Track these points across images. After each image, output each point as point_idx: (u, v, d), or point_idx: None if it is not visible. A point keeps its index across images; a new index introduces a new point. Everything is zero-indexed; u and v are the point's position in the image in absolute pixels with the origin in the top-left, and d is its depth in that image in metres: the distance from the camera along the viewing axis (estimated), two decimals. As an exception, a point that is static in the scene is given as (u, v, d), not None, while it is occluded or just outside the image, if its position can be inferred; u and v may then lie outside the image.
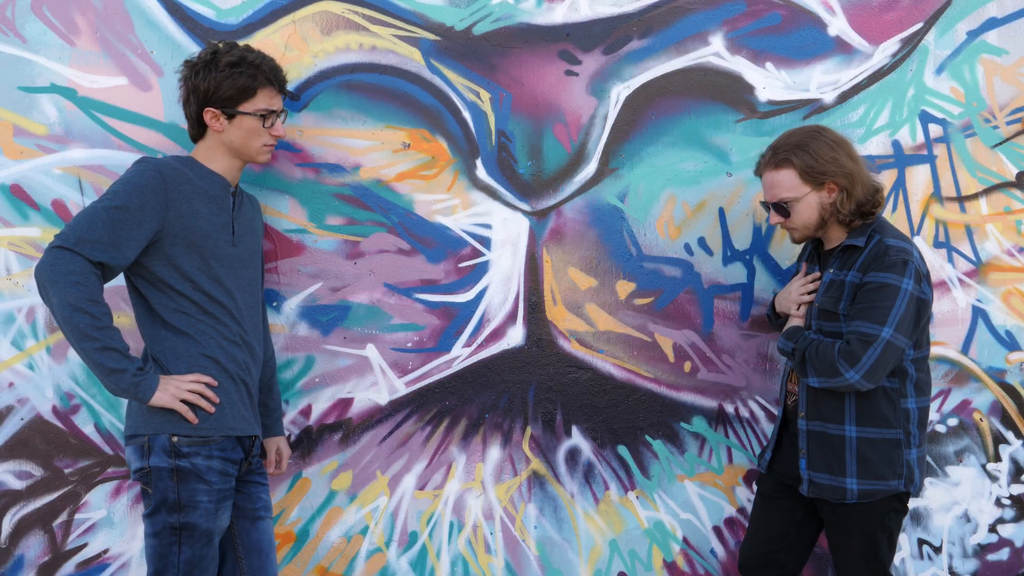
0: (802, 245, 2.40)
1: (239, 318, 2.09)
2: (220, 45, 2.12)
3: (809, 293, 2.26)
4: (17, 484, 2.39)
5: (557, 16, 2.52)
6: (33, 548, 2.40)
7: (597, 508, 2.56)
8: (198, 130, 2.13)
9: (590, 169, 2.54)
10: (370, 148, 2.47)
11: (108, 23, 2.39)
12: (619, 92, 2.54)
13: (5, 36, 2.36)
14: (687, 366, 2.57)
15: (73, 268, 1.86)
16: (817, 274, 2.26)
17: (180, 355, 2.00)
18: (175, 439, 1.96)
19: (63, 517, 2.40)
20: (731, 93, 2.55)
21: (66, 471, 2.40)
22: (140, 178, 1.97)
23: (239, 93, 2.06)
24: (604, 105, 2.54)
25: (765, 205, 2.27)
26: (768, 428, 2.58)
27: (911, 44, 2.58)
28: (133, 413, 2.01)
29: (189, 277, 2.01)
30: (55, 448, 2.40)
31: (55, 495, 2.40)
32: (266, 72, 2.10)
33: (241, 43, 2.17)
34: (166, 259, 2.00)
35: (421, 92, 2.49)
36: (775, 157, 2.20)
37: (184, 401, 1.95)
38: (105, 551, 2.42)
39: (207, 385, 1.98)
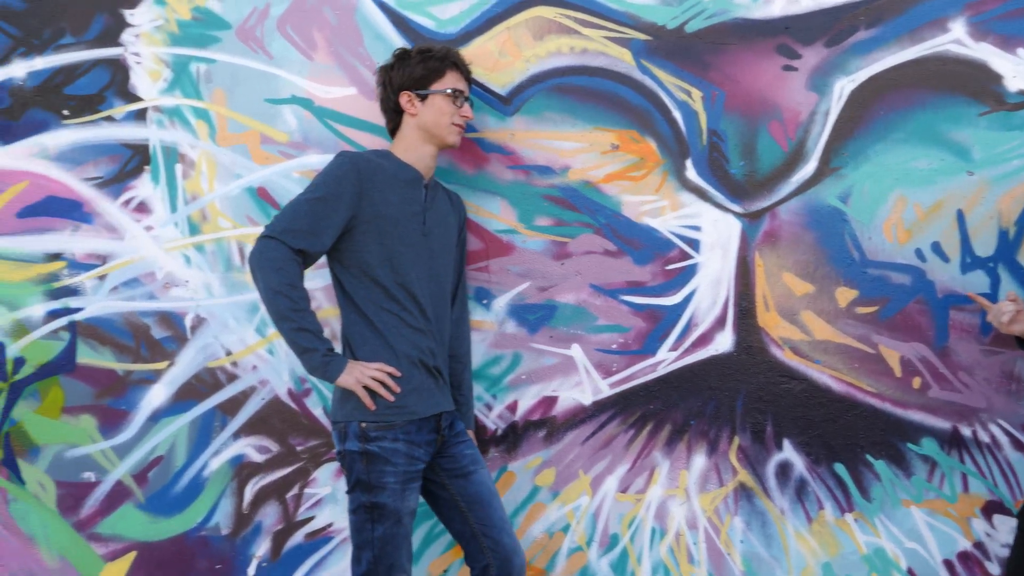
0: None
1: (424, 307, 2.19)
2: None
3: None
4: (257, 457, 2.65)
5: (775, 9, 2.40)
6: (269, 516, 2.66)
7: (810, 528, 2.42)
8: (395, 122, 2.29)
9: (809, 168, 2.41)
10: (579, 150, 2.49)
11: (341, 38, 2.58)
12: (843, 86, 2.39)
13: (254, 53, 2.61)
14: (916, 382, 2.36)
15: (276, 255, 2.05)
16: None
17: (366, 341, 2.15)
18: (364, 425, 2.10)
19: (295, 491, 2.63)
20: (974, 84, 2.32)
21: (298, 448, 2.63)
22: (337, 170, 2.14)
23: (430, 73, 2.24)
24: (825, 101, 2.39)
25: None
26: (1013, 456, 2.31)
27: None
28: (334, 401, 2.18)
29: (376, 263, 2.15)
30: (289, 427, 2.63)
31: (288, 470, 2.64)
32: (453, 57, 2.29)
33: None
34: (357, 245, 2.15)
35: (631, 93, 2.47)
36: None
37: (367, 388, 2.08)
38: (329, 525, 2.63)
39: (391, 375, 2.11)
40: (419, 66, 2.24)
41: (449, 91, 2.24)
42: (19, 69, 2.69)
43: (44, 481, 2.75)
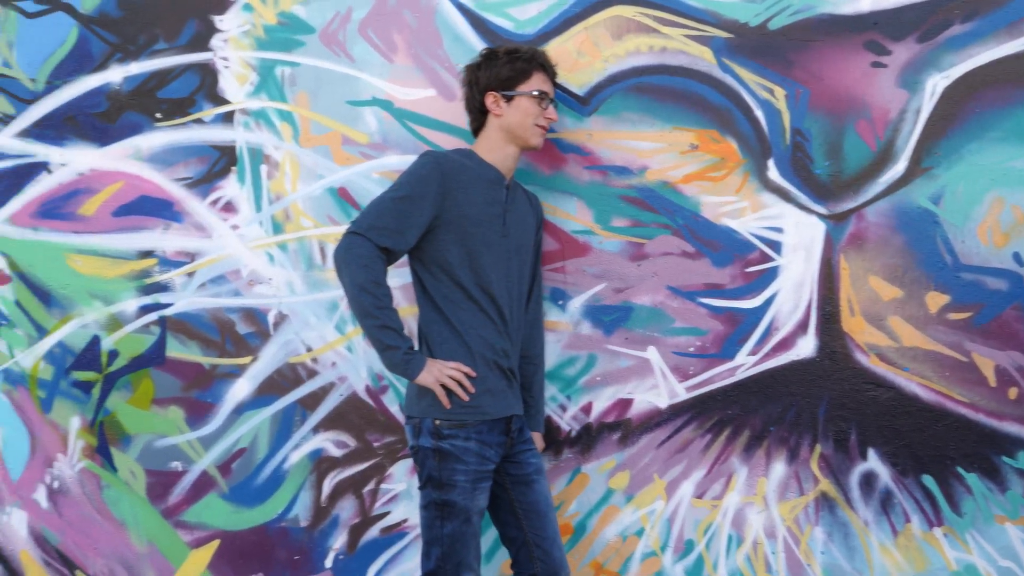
0: None
1: (501, 308, 2.20)
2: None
3: None
4: (336, 452, 2.71)
5: (864, 4, 2.33)
6: (346, 510, 2.71)
7: (895, 541, 2.34)
8: (479, 122, 2.30)
9: (898, 169, 2.32)
10: (657, 150, 2.46)
11: (420, 40, 2.61)
12: (935, 83, 2.29)
13: (337, 57, 2.67)
14: (1013, 392, 2.26)
15: (362, 252, 2.07)
16: None
17: (444, 340, 2.17)
18: (437, 422, 2.12)
19: (371, 485, 2.68)
20: (1079, 79, 2.20)
21: (375, 444, 2.67)
22: (422, 169, 2.17)
23: (517, 75, 2.24)
24: (917, 98, 2.31)
25: None
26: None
27: None
28: (409, 397, 2.21)
29: (457, 263, 2.16)
30: (367, 423, 2.68)
31: (365, 465, 2.68)
32: (540, 58, 2.29)
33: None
34: (439, 244, 2.17)
35: (711, 92, 2.43)
36: None
37: (444, 387, 2.10)
38: (404, 520, 2.66)
39: (467, 375, 2.12)
40: (506, 67, 2.25)
41: (535, 93, 2.25)
42: (116, 74, 2.81)
43: (135, 469, 2.87)
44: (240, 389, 2.76)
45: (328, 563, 2.72)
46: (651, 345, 2.47)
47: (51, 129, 2.86)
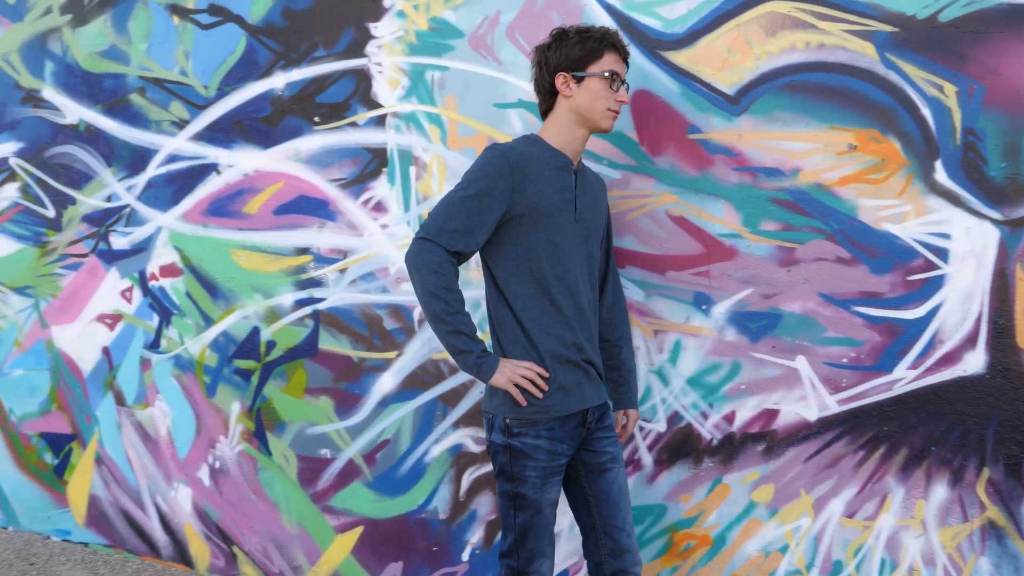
0: None
1: (577, 296, 2.18)
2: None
3: None
4: (475, 448, 2.76)
5: (1051, -10, 2.13)
6: (484, 506, 2.76)
7: (1076, 578, 2.14)
8: (549, 103, 2.26)
9: (1087, 170, 2.11)
10: (811, 151, 2.36)
11: (568, 42, 2.61)
12: None
13: (485, 60, 2.71)
14: None
15: (433, 258, 2.07)
16: None
17: (516, 339, 2.16)
18: (508, 420, 2.13)
19: (508, 484, 2.71)
20: None
21: (512, 444, 2.70)
22: (488, 166, 2.12)
23: (588, 54, 2.18)
24: (1111, 93, 2.09)
25: None
26: None
27: None
28: (486, 393, 2.23)
29: (531, 255, 2.14)
30: (505, 422, 2.71)
31: (503, 464, 2.72)
32: (611, 38, 2.22)
33: (685, 52, 2.22)
34: (511, 238, 2.15)
35: (872, 89, 2.30)
36: None
37: (518, 386, 2.10)
38: (540, 521, 2.68)
39: (539, 375, 2.11)
40: (576, 47, 2.18)
41: (606, 74, 2.19)
42: (279, 80, 2.98)
43: (288, 454, 3.04)
44: (386, 382, 2.87)
45: (465, 556, 2.78)
46: (800, 354, 2.37)
47: (220, 132, 3.07)
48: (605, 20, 2.56)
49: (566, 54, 2.19)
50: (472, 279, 2.72)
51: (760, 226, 2.40)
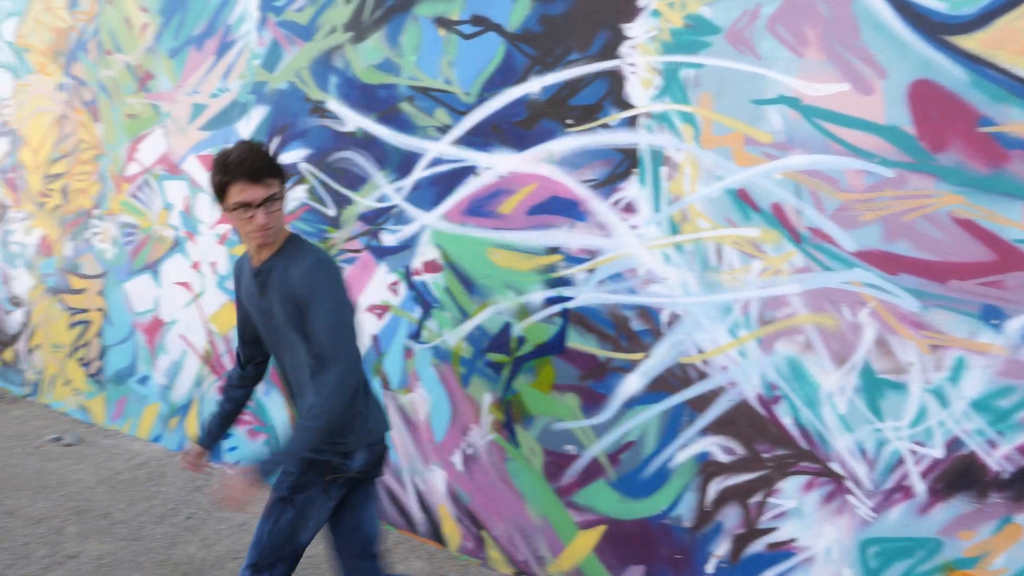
0: None
1: (288, 380, 2.38)
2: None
3: None
4: (723, 457, 2.68)
5: None
6: (730, 518, 2.67)
7: None
8: None
9: None
10: None
11: (835, 32, 2.44)
12: None
13: (742, 55, 2.61)
14: None
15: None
16: None
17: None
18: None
19: (758, 497, 2.60)
20: None
21: (763, 456, 2.59)
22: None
23: (218, 189, 2.18)
24: None
25: None
26: None
27: None
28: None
29: None
30: (756, 432, 2.60)
31: (752, 476, 2.61)
32: (235, 170, 2.14)
33: (977, 35, 1.98)
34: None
35: None
36: None
37: None
38: (793, 539, 2.54)
39: None
40: (214, 179, 2.20)
41: (234, 207, 2.17)
42: (534, 85, 3.07)
43: (534, 447, 3.14)
44: (631, 384, 2.86)
45: (710, 568, 2.71)
46: (1117, 381, 2.04)
47: (479, 137, 3.22)
48: (880, 7, 2.36)
49: (211, 183, 2.22)
50: (724, 283, 2.63)
51: (1067, 231, 2.10)
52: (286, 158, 3.91)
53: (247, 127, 4.09)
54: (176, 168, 4.51)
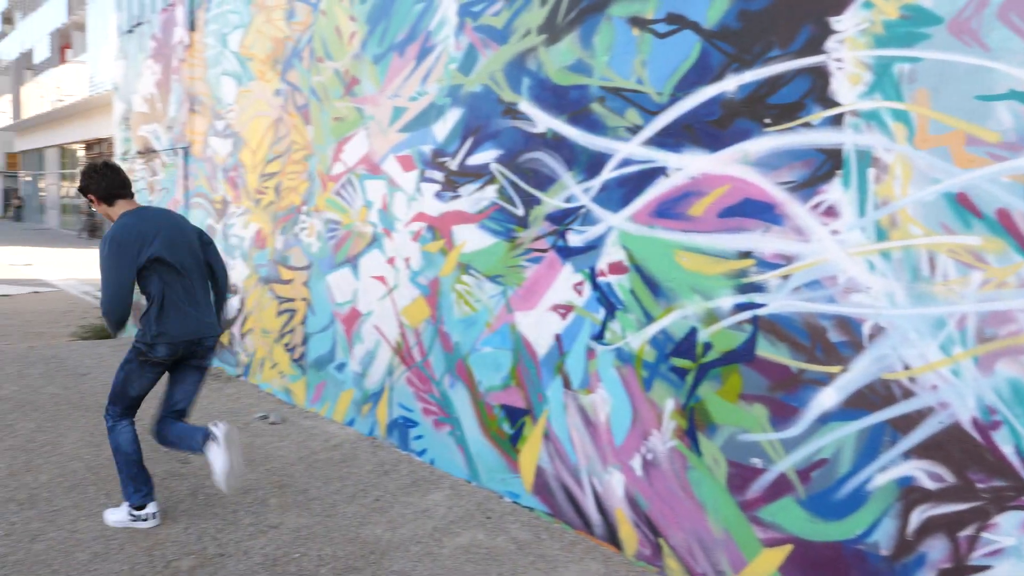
0: None
1: None
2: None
3: None
4: (929, 484, 2.47)
5: None
6: (936, 551, 2.45)
7: None
8: None
9: None
10: None
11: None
12: None
13: (967, 47, 2.39)
14: None
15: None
16: None
17: None
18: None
19: (969, 530, 2.37)
20: None
21: (978, 485, 2.36)
22: None
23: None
24: None
25: None
26: None
27: None
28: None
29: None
30: (969, 459, 2.38)
31: (964, 506, 2.39)
32: None
33: None
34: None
35: None
36: None
37: None
38: (1009, 581, 2.30)
39: None
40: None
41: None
42: (731, 83, 2.97)
43: (718, 457, 3.04)
44: (827, 398, 2.70)
45: (910, 602, 2.51)
46: None
47: (670, 137, 3.16)
48: None
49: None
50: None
51: None
52: (478, 158, 4.03)
53: (443, 129, 4.26)
54: (376, 168, 4.78)
